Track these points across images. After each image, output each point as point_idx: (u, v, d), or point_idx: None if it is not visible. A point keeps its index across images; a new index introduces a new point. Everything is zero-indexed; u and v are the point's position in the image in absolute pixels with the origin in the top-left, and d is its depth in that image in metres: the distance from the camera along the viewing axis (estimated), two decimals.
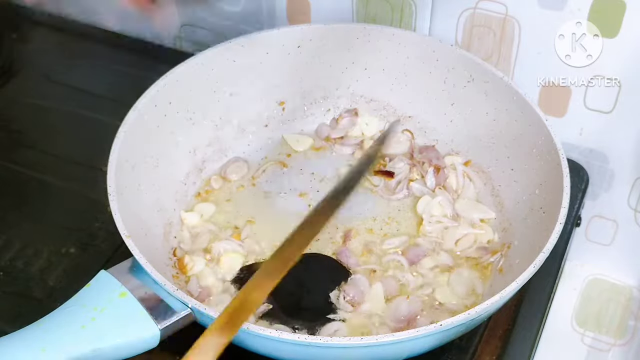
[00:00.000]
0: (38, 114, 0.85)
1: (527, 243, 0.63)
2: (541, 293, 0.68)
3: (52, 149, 0.81)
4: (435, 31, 0.77)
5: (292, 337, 0.52)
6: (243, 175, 0.76)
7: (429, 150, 0.76)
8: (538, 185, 0.66)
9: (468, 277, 0.66)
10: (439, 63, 0.74)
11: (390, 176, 0.74)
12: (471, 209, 0.71)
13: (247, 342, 0.56)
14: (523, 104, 0.68)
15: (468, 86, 0.74)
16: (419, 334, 0.51)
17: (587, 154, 0.76)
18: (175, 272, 0.66)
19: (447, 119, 0.76)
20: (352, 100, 0.81)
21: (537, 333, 0.65)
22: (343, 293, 0.64)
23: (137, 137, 0.67)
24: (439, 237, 0.69)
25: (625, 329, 0.80)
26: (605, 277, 0.82)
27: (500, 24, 0.72)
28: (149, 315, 0.53)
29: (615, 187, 0.77)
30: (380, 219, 0.72)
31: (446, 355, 0.60)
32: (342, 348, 0.52)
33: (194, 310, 0.54)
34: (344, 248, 0.68)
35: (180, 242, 0.69)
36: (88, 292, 0.55)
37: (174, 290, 0.54)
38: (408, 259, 0.67)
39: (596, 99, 0.72)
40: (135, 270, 0.56)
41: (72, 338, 0.51)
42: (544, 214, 0.63)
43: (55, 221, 0.73)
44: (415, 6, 0.76)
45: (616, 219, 0.79)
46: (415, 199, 0.73)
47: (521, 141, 0.69)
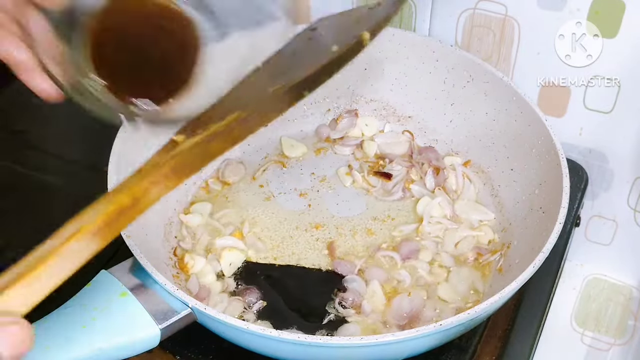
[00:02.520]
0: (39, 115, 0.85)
1: (527, 243, 0.64)
2: (541, 293, 0.68)
3: (52, 150, 0.82)
4: (435, 31, 0.77)
5: (292, 337, 0.52)
6: (241, 177, 0.76)
7: (429, 151, 0.76)
8: (537, 185, 0.66)
9: (468, 275, 0.66)
10: (439, 63, 0.74)
11: (388, 178, 0.74)
12: (471, 210, 0.71)
13: (247, 342, 0.56)
14: (523, 104, 0.69)
15: (468, 86, 0.74)
16: (418, 333, 0.51)
17: (586, 154, 0.76)
18: (176, 272, 0.66)
19: (447, 119, 0.77)
20: (352, 100, 0.81)
21: (536, 333, 0.65)
22: (341, 300, 0.64)
23: (137, 137, 0.67)
24: (439, 238, 0.69)
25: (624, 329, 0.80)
26: (605, 276, 0.83)
27: (500, 25, 0.72)
28: (149, 315, 0.54)
29: (615, 187, 0.77)
30: (380, 220, 0.72)
31: (446, 355, 0.60)
32: (342, 348, 0.52)
33: (194, 310, 0.54)
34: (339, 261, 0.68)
35: (180, 241, 0.69)
36: (88, 292, 0.55)
37: (175, 290, 0.54)
38: (401, 255, 0.68)
39: (596, 99, 0.72)
40: (136, 270, 0.56)
41: (72, 338, 0.51)
42: (544, 214, 0.63)
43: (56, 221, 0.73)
44: (415, 6, 0.76)
45: (616, 219, 0.80)
46: (414, 199, 0.73)
47: (521, 141, 0.69)
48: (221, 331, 0.56)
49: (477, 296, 0.65)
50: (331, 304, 0.64)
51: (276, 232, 0.71)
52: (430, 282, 0.66)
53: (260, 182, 0.75)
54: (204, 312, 0.53)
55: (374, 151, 0.78)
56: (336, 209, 0.73)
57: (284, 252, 0.69)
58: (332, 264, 0.68)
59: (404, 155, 0.77)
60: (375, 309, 0.64)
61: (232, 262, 0.67)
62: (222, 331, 0.56)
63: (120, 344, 0.52)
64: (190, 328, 0.55)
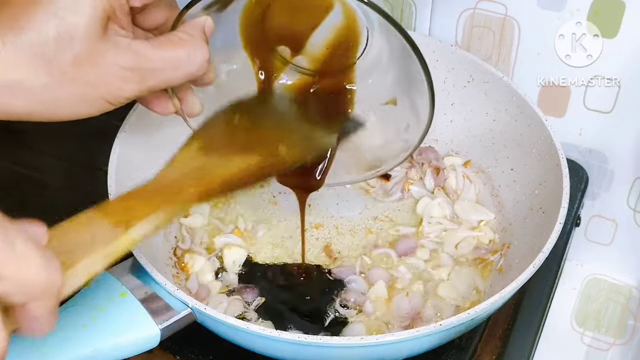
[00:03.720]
0: None
1: (527, 243, 0.64)
2: (541, 293, 0.68)
3: (52, 149, 0.82)
4: (435, 31, 0.77)
5: (292, 337, 0.52)
6: None
7: (428, 151, 0.76)
8: (538, 185, 0.66)
9: (469, 275, 0.66)
10: (439, 63, 0.74)
11: (386, 179, 0.74)
12: (471, 211, 0.71)
13: (247, 342, 0.56)
14: (523, 104, 0.69)
15: (468, 86, 0.74)
16: (418, 333, 0.51)
17: (586, 154, 0.76)
18: (176, 272, 0.66)
19: (447, 119, 0.76)
20: None
21: (536, 333, 0.65)
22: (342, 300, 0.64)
23: (137, 137, 0.67)
24: (439, 238, 0.69)
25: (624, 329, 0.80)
26: (605, 276, 0.82)
27: (500, 24, 0.72)
28: (149, 315, 0.53)
29: (615, 187, 0.77)
30: (380, 220, 0.72)
31: (446, 355, 0.60)
32: (342, 348, 0.52)
33: (194, 310, 0.54)
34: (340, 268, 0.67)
35: (180, 241, 0.69)
36: (88, 292, 0.55)
37: (175, 290, 0.54)
38: (398, 252, 0.68)
39: (596, 99, 0.72)
40: (136, 270, 0.56)
41: (72, 338, 0.51)
42: (544, 214, 0.63)
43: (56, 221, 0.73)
44: (415, 6, 0.76)
45: (615, 219, 0.80)
46: (414, 200, 0.73)
47: (521, 141, 0.69)
48: (221, 331, 0.56)
49: (478, 295, 0.65)
50: (332, 305, 0.64)
51: (276, 232, 0.71)
52: (429, 279, 0.66)
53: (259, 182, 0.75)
54: (204, 312, 0.53)
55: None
56: (336, 209, 0.73)
57: (284, 252, 0.69)
58: (332, 263, 0.68)
59: None
60: (377, 309, 0.63)
61: (235, 260, 0.67)
62: (222, 331, 0.56)
63: (120, 344, 0.52)
64: (190, 328, 0.55)
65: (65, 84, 0.45)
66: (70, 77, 0.45)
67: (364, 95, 0.63)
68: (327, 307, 0.64)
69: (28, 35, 0.43)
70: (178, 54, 0.48)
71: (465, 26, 0.74)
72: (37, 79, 0.44)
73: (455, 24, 0.75)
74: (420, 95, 0.57)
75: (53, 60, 0.44)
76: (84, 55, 0.44)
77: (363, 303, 0.64)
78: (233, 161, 0.53)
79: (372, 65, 0.62)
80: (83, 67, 0.45)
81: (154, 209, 0.46)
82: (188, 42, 0.48)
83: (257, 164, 0.54)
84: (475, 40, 0.75)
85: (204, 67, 0.49)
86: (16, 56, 0.43)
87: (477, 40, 0.75)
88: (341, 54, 0.61)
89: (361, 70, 0.62)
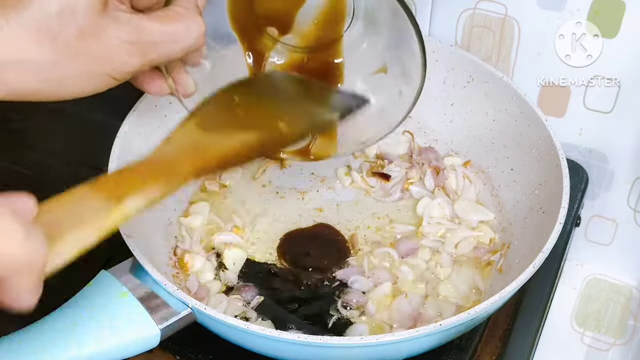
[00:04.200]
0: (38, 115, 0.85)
1: (527, 243, 0.64)
2: (541, 293, 0.68)
3: (52, 149, 0.82)
4: (435, 31, 0.77)
5: (292, 337, 0.52)
6: (238, 180, 0.75)
7: (428, 151, 0.76)
8: (538, 185, 0.66)
9: (469, 275, 0.66)
10: (439, 63, 0.74)
11: (386, 179, 0.74)
12: (471, 211, 0.71)
13: (247, 342, 0.56)
14: (523, 104, 0.69)
15: (468, 86, 0.74)
16: (418, 334, 0.51)
17: (586, 154, 0.76)
18: (176, 272, 0.66)
19: (447, 119, 0.76)
20: None
21: (536, 333, 0.65)
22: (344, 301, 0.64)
23: (137, 137, 0.67)
24: (439, 238, 0.69)
25: (624, 329, 0.80)
26: (605, 276, 0.83)
27: (500, 25, 0.72)
28: (149, 315, 0.54)
29: (615, 187, 0.77)
30: (380, 220, 0.72)
31: (446, 355, 0.60)
32: (342, 348, 0.52)
33: (194, 309, 0.54)
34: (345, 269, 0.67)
35: (180, 241, 0.69)
36: (88, 292, 0.55)
37: (175, 290, 0.54)
38: (399, 252, 0.68)
39: (596, 99, 0.72)
40: (136, 270, 0.56)
41: (72, 338, 0.51)
42: (544, 214, 0.63)
43: None
44: (415, 6, 0.76)
45: (615, 219, 0.80)
46: (414, 200, 0.73)
47: (521, 141, 0.69)
48: (221, 331, 0.56)
49: (478, 295, 0.65)
50: (334, 306, 0.64)
51: (276, 231, 0.71)
52: (430, 279, 0.66)
53: (259, 182, 0.75)
54: (204, 312, 0.53)
55: (374, 151, 0.77)
56: (336, 209, 0.73)
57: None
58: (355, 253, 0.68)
59: (404, 156, 0.77)
60: (379, 310, 0.63)
61: (234, 257, 0.67)
62: (222, 331, 0.56)
63: (120, 344, 0.52)
64: (190, 328, 0.55)
65: (71, 59, 0.45)
66: (75, 51, 0.45)
67: (354, 67, 0.64)
68: (330, 307, 0.64)
69: (30, 11, 0.44)
70: (176, 27, 0.49)
71: (465, 26, 0.74)
72: (44, 55, 0.45)
73: (455, 24, 0.75)
74: (411, 57, 0.58)
75: (58, 36, 0.44)
76: (87, 29, 0.45)
77: (365, 304, 0.64)
78: (232, 136, 0.53)
79: (359, 36, 0.63)
80: (87, 40, 0.45)
81: (149, 184, 0.45)
82: (185, 15, 0.49)
83: (257, 139, 0.54)
84: (475, 40, 0.75)
85: (201, 40, 0.50)
86: (21, 33, 0.44)
87: (477, 40, 0.75)
88: (329, 28, 0.63)
89: (348, 42, 0.63)
